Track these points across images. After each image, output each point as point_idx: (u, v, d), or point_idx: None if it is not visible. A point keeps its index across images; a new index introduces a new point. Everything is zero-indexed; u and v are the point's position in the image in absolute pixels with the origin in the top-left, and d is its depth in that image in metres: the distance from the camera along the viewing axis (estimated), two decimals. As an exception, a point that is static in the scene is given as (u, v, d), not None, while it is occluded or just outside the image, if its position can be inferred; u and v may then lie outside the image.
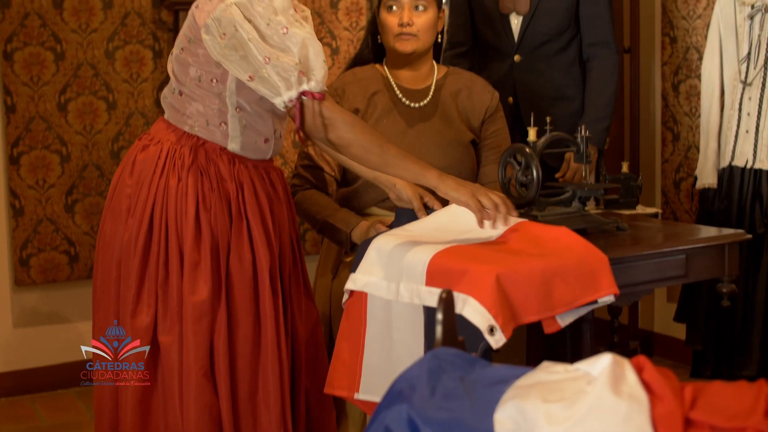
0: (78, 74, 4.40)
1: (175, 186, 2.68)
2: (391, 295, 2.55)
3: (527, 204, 2.82)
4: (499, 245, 2.58)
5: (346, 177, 3.26)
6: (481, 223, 2.61)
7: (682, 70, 4.62)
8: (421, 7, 3.22)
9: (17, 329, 4.44)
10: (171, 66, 2.77)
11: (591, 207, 3.71)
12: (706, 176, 4.17)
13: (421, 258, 2.49)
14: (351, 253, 3.12)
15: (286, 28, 2.57)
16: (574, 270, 2.45)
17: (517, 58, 3.89)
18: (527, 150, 2.79)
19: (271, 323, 2.71)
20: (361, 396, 2.62)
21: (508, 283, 2.37)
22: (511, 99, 3.90)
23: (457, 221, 2.73)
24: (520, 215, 2.77)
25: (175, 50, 2.74)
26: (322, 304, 3.26)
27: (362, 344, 2.64)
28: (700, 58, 4.31)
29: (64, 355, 4.43)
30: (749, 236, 2.90)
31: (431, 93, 3.32)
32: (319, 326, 2.94)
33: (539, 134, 2.87)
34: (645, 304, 4.92)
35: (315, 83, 2.58)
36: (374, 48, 3.36)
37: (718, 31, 4.13)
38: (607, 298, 2.48)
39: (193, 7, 2.67)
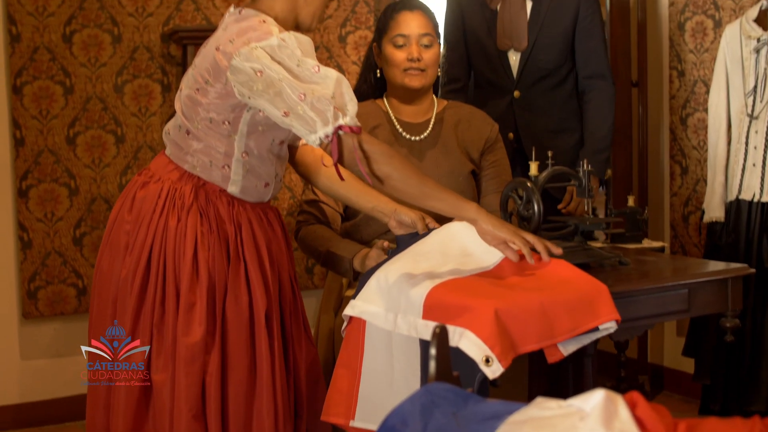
0: (87, 108, 4.42)
1: (175, 226, 2.69)
2: (389, 326, 2.55)
3: (529, 238, 2.81)
4: (496, 279, 2.57)
5: (347, 211, 3.27)
6: (514, 257, 2.59)
7: (690, 103, 4.62)
8: (427, 43, 3.24)
9: (25, 362, 4.44)
10: (179, 104, 2.77)
11: (600, 239, 3.72)
12: (714, 210, 4.16)
13: (419, 291, 2.49)
14: (353, 284, 3.12)
15: (318, 67, 2.56)
16: (574, 300, 2.44)
17: (516, 93, 3.93)
18: (528, 184, 2.79)
19: (267, 367, 2.70)
20: (356, 423, 2.61)
21: (507, 316, 2.35)
22: (511, 135, 3.93)
23: (454, 240, 2.72)
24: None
25: (187, 89, 2.74)
26: (325, 341, 3.26)
27: (359, 372, 2.63)
28: (708, 92, 4.31)
29: (71, 388, 4.43)
30: (752, 270, 2.89)
31: (431, 126, 3.34)
32: (319, 365, 2.94)
33: (541, 168, 2.86)
34: (654, 338, 4.89)
35: (350, 118, 2.54)
36: (374, 83, 3.37)
37: (725, 65, 4.14)
38: (609, 325, 2.45)
39: (213, 49, 2.66)
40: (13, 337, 4.41)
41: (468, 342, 2.31)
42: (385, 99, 3.35)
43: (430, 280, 2.53)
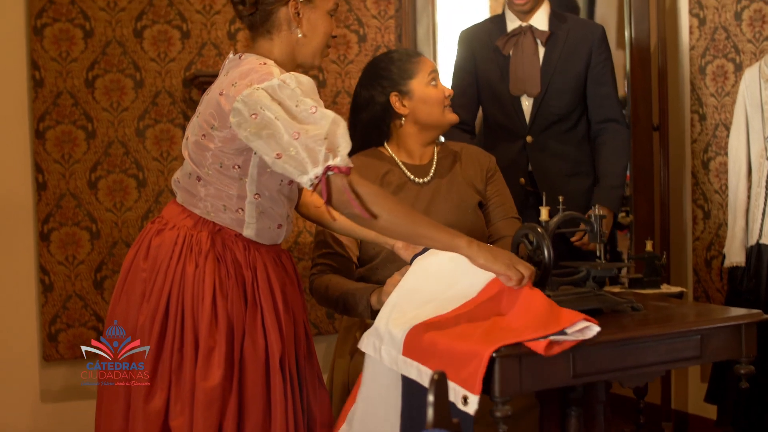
0: (109, 152, 4.46)
1: (192, 273, 2.70)
2: (376, 355, 2.62)
3: (540, 284, 2.80)
4: (475, 311, 2.60)
5: (363, 257, 3.27)
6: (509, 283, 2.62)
7: (712, 147, 4.60)
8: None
9: (45, 404, 4.46)
10: (186, 151, 2.80)
11: (624, 280, 3.71)
12: (734, 254, 4.12)
13: (402, 327, 2.57)
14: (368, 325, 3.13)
15: (315, 107, 2.59)
16: (542, 319, 2.51)
17: (529, 138, 3.94)
18: (539, 230, 2.78)
19: (281, 411, 2.71)
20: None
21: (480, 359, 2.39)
22: (522, 180, 3.93)
23: (449, 263, 2.75)
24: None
25: (193, 136, 2.76)
26: (341, 385, 3.26)
27: (354, 399, 2.74)
28: (729, 135, 4.29)
29: (91, 431, 4.43)
30: (766, 317, 2.85)
31: (434, 166, 3.40)
32: (330, 408, 2.94)
33: (552, 213, 2.86)
34: (678, 384, 4.84)
35: (341, 158, 2.55)
36: (387, 131, 3.39)
37: (744, 108, 4.12)
38: (583, 325, 2.48)
39: (217, 94, 2.69)
40: (33, 379, 4.42)
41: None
42: (386, 145, 3.38)
43: (415, 314, 2.60)
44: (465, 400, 2.36)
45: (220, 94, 2.66)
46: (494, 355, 2.39)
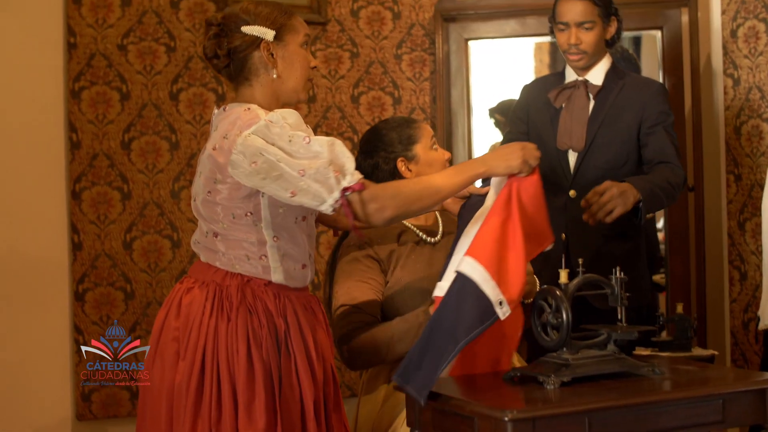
0: (144, 213, 4.52)
1: (226, 327, 2.72)
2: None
3: (559, 346, 2.78)
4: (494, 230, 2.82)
5: (387, 315, 3.26)
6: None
7: (748, 207, 4.56)
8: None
9: (78, 464, 4.49)
10: (198, 212, 2.83)
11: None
12: (768, 317, 4.06)
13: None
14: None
15: (308, 138, 2.65)
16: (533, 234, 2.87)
17: (572, 193, 3.83)
18: (558, 293, 2.76)
19: None
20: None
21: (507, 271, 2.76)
22: (564, 235, 3.82)
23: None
24: (551, 357, 2.76)
25: (200, 195, 2.79)
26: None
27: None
28: (763, 196, 4.25)
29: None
30: (796, 381, 2.80)
31: (441, 226, 3.43)
32: None
33: (572, 276, 2.84)
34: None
35: (350, 176, 2.64)
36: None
37: (776, 169, 4.09)
38: None
39: (210, 150, 2.72)
40: (66, 438, 4.46)
41: (488, 286, 2.71)
42: None
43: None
44: (501, 304, 2.69)
45: (214, 149, 2.70)
46: (506, 418, 2.37)
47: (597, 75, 3.85)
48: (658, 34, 4.88)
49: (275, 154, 2.61)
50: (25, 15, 4.28)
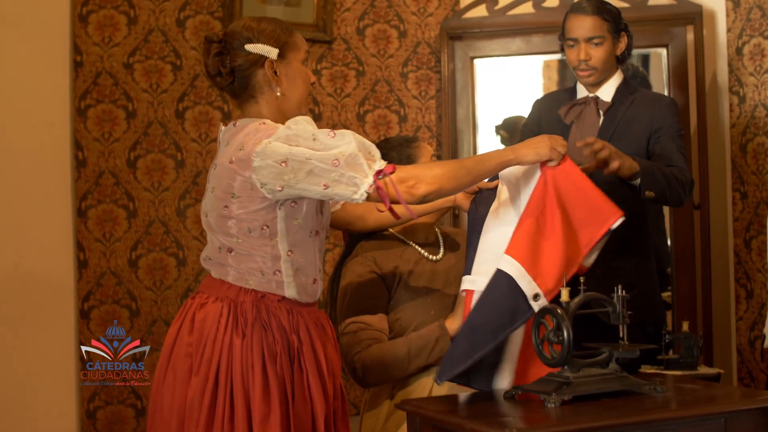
0: (149, 231, 4.53)
1: (241, 343, 2.72)
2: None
3: (560, 364, 2.77)
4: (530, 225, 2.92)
5: (394, 334, 3.26)
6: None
7: (754, 225, 4.55)
8: None
9: (83, 481, 4.49)
10: (210, 227, 2.82)
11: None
12: (773, 334, 4.04)
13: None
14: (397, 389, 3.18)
15: (332, 132, 2.68)
16: (584, 218, 2.93)
17: None
18: (559, 311, 2.75)
19: None
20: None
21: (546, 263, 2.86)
22: None
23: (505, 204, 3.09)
24: (552, 375, 2.76)
25: (213, 211, 2.78)
26: None
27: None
28: (768, 214, 4.25)
29: None
30: (797, 401, 2.78)
31: (441, 244, 3.43)
32: None
33: (573, 294, 2.83)
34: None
35: (379, 162, 2.69)
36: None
37: (781, 187, 4.08)
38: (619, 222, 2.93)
39: (227, 163, 2.71)
40: (71, 456, 4.46)
41: (524, 281, 2.83)
42: (391, 229, 3.41)
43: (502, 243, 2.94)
44: (536, 297, 2.81)
45: (231, 162, 2.70)
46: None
47: (607, 91, 3.83)
48: (663, 51, 4.88)
49: (303, 153, 2.62)
50: (32, 33, 4.29)
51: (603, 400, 2.74)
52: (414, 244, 3.38)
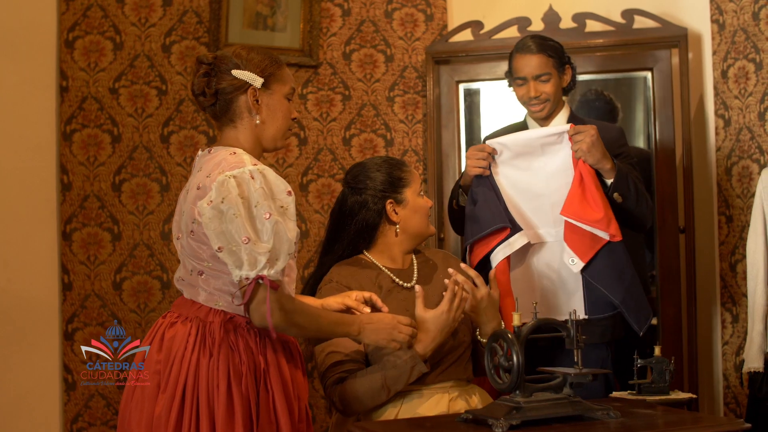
0: (134, 254, 4.57)
1: (207, 363, 2.77)
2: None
3: (511, 389, 2.78)
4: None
5: (373, 360, 3.26)
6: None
7: (739, 249, 4.52)
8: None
9: (68, 504, 4.51)
10: (182, 249, 2.88)
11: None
12: (752, 360, 4.01)
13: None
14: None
15: (269, 214, 2.69)
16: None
17: None
18: (509, 336, 2.77)
19: None
20: None
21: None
22: None
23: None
24: (503, 400, 2.77)
25: (183, 234, 2.84)
26: None
27: None
28: (747, 238, 4.22)
29: None
30: (748, 426, 2.77)
31: (416, 271, 3.43)
32: None
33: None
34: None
35: (275, 272, 2.70)
36: (372, 237, 3.42)
37: (762, 210, 4.05)
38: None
39: (195, 189, 2.78)
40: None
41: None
42: (367, 253, 3.40)
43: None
44: (572, 260, 3.54)
45: (198, 188, 2.76)
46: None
47: (559, 123, 3.89)
48: (648, 75, 4.87)
49: (237, 209, 2.67)
50: (19, 58, 4.35)
51: (553, 425, 2.74)
52: (387, 270, 3.38)
